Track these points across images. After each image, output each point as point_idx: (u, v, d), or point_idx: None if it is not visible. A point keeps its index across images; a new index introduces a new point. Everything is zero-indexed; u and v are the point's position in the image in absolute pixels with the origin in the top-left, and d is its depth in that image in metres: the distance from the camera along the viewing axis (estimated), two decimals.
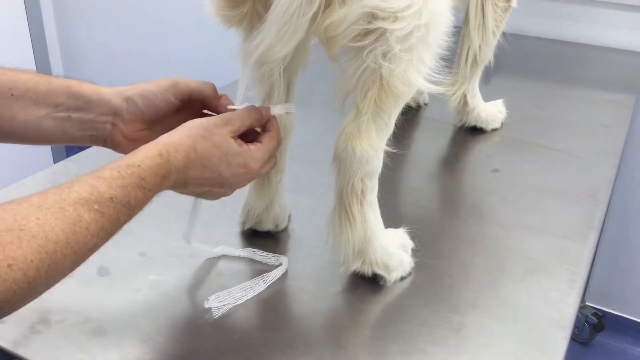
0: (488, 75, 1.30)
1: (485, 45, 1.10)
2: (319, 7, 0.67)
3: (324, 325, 0.74)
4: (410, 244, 0.84)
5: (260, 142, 0.73)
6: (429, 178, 1.09)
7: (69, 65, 2.78)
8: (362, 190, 0.75)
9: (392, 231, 0.84)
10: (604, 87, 1.43)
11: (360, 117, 0.73)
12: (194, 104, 0.77)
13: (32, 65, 2.55)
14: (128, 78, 0.78)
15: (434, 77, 0.73)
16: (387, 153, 0.76)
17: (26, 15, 2.50)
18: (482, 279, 0.81)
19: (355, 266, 0.79)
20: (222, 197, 0.75)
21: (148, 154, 0.63)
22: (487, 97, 1.23)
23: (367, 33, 0.68)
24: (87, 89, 0.72)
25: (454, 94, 1.16)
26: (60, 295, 0.76)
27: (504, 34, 1.16)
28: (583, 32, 1.69)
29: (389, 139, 0.76)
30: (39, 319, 0.73)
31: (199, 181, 0.69)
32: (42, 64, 2.61)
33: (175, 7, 2.34)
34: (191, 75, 0.81)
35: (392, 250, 0.80)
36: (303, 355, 0.69)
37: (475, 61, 1.12)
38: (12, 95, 0.68)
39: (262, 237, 0.88)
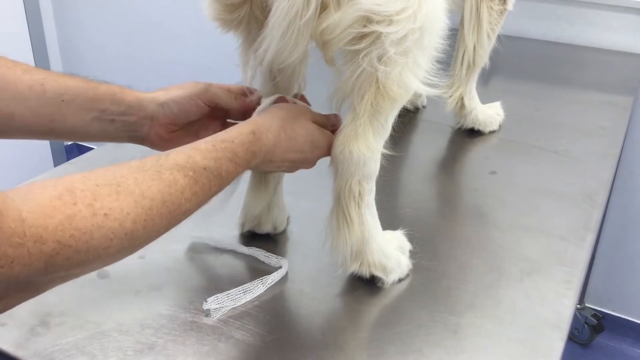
0: (485, 78, 1.30)
1: (480, 48, 1.11)
2: (315, 11, 0.68)
3: (322, 327, 0.75)
4: (408, 245, 0.85)
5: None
6: (427, 180, 1.09)
7: (68, 67, 2.79)
8: (360, 193, 0.76)
9: (389, 233, 0.84)
10: (601, 89, 1.43)
11: (358, 120, 0.73)
12: (220, 111, 0.83)
13: None
14: (127, 81, 0.80)
15: (430, 79, 0.74)
16: (384, 155, 0.77)
17: (26, 18, 2.50)
18: (479, 281, 0.81)
19: (353, 268, 0.79)
20: (300, 169, 0.81)
21: (242, 131, 0.69)
22: (484, 99, 1.24)
23: (363, 36, 0.68)
24: (128, 95, 0.77)
25: (451, 96, 1.17)
26: (60, 298, 0.77)
27: (500, 37, 1.16)
28: (580, 34, 1.70)
29: (386, 142, 0.76)
30: (39, 321, 0.74)
31: (283, 159, 0.75)
32: (42, 67, 2.62)
33: (174, 10, 2.34)
34: (191, 78, 0.83)
35: (390, 252, 0.81)
36: (301, 357, 0.69)
37: (471, 64, 1.13)
38: (62, 100, 0.72)
39: (260, 239, 0.89)
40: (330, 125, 0.80)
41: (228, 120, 0.83)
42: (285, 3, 0.67)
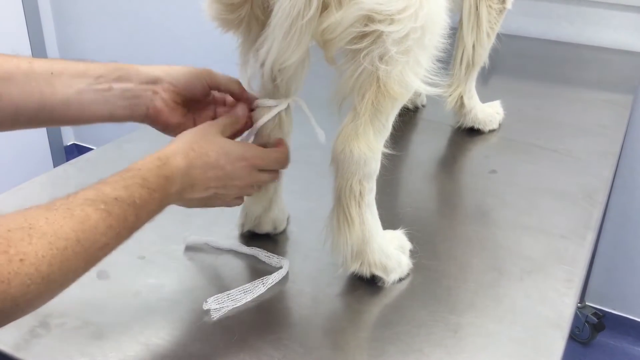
0: (485, 77, 1.30)
1: (480, 47, 1.11)
2: (317, 10, 0.68)
3: (323, 327, 0.75)
4: (408, 245, 0.85)
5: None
6: (427, 180, 1.09)
7: None
8: (360, 192, 0.76)
9: (390, 233, 0.84)
10: (601, 88, 1.43)
11: (358, 119, 0.73)
12: (219, 99, 0.83)
13: None
14: None
15: (430, 78, 0.73)
16: (384, 155, 0.77)
17: (25, 20, 2.50)
18: (480, 280, 0.81)
19: (354, 268, 0.79)
20: (231, 201, 0.78)
21: (146, 159, 0.67)
22: (484, 98, 1.24)
23: (364, 35, 0.68)
24: (125, 65, 0.76)
25: (451, 95, 1.17)
26: (60, 299, 0.76)
27: (500, 36, 1.16)
28: (579, 32, 1.70)
29: (386, 141, 0.76)
30: (39, 322, 0.73)
31: (204, 181, 0.72)
32: None
33: (174, 11, 2.34)
34: None
35: (390, 251, 0.80)
36: (301, 357, 0.69)
37: (470, 63, 1.13)
38: (52, 73, 0.70)
39: (260, 239, 0.89)
40: (241, 118, 0.80)
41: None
42: (287, 3, 0.67)
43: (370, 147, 0.74)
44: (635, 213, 1.77)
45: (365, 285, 0.80)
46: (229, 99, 0.84)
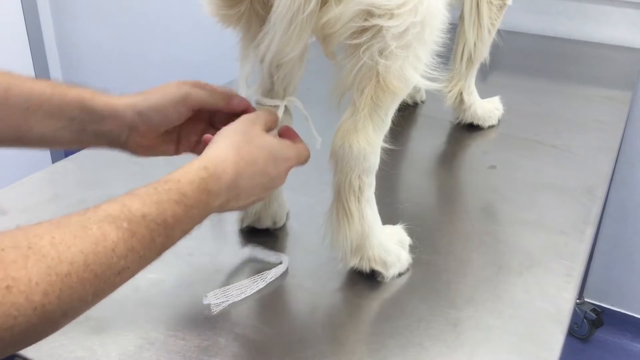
0: (484, 73, 1.30)
1: (480, 43, 1.11)
2: (317, 5, 0.68)
3: (323, 322, 0.75)
4: (407, 240, 0.85)
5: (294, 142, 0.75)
6: (426, 175, 1.09)
7: (66, 66, 2.79)
8: (360, 187, 0.76)
9: (389, 228, 0.84)
10: (599, 84, 1.43)
11: (357, 114, 0.73)
12: (205, 112, 0.78)
13: (29, 66, 2.55)
14: (125, 79, 0.80)
15: (430, 73, 0.73)
16: (384, 150, 0.77)
17: (24, 17, 2.50)
18: (479, 275, 0.81)
19: (354, 263, 0.79)
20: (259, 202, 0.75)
21: (191, 167, 0.60)
22: (483, 94, 1.24)
23: (364, 30, 0.68)
24: (99, 102, 0.71)
25: (450, 91, 1.17)
26: None
27: (499, 32, 1.16)
28: (578, 28, 1.70)
29: (385, 136, 0.76)
30: None
31: (249, 190, 0.67)
32: (40, 65, 2.62)
33: (172, 7, 2.34)
34: (188, 76, 0.81)
35: (390, 246, 0.80)
36: (302, 351, 0.69)
37: (470, 59, 1.13)
38: (27, 108, 0.68)
39: (260, 234, 0.89)
40: (290, 135, 0.76)
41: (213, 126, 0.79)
42: None
43: (370, 141, 0.74)
44: (634, 209, 1.78)
45: (365, 280, 0.81)
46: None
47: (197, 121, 0.77)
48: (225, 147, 0.65)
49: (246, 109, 0.77)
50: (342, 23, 0.68)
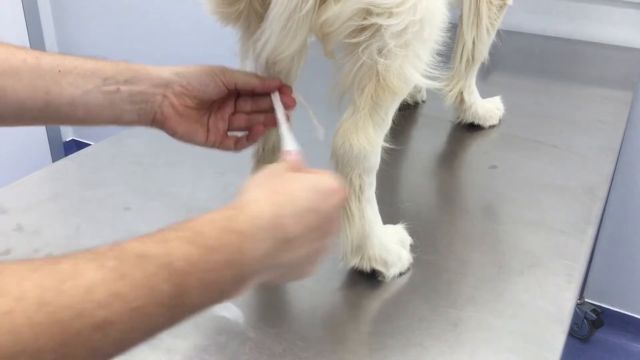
0: (485, 72, 1.30)
1: (480, 43, 1.10)
2: (315, 3, 0.67)
3: (323, 321, 0.75)
4: (408, 239, 0.84)
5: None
6: (427, 175, 1.09)
7: None
8: (360, 186, 0.75)
9: (390, 227, 0.84)
10: (600, 84, 1.43)
11: (358, 113, 0.73)
12: (238, 95, 0.77)
13: None
14: None
15: (430, 72, 0.73)
16: (385, 149, 0.77)
17: (24, 16, 2.50)
18: (480, 274, 0.81)
19: (354, 262, 0.79)
20: (322, 256, 0.59)
21: (215, 211, 0.49)
22: (484, 94, 1.24)
23: (363, 29, 0.68)
24: (136, 65, 0.71)
25: (451, 90, 1.17)
26: None
27: (500, 32, 1.16)
28: (579, 28, 1.70)
29: (386, 136, 0.76)
30: None
31: (302, 234, 0.54)
32: None
33: (173, 6, 2.34)
34: None
35: (391, 246, 0.80)
36: (302, 351, 0.69)
37: (470, 59, 1.12)
38: (59, 71, 0.66)
39: None
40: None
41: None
42: None
43: (370, 141, 0.74)
44: (635, 209, 1.77)
45: (366, 279, 0.80)
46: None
47: (226, 106, 0.76)
48: (253, 188, 0.54)
49: (279, 87, 0.76)
50: (341, 22, 0.68)
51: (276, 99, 0.76)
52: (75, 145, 2.93)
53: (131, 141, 1.12)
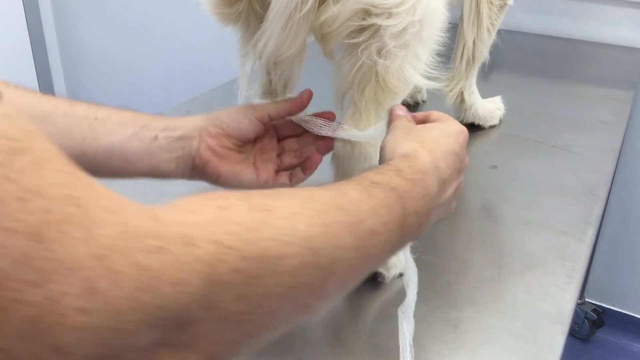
0: (486, 72, 1.30)
1: (480, 43, 1.10)
2: (314, 3, 0.67)
3: (323, 322, 0.74)
4: None
5: None
6: None
7: (68, 67, 2.79)
8: None
9: None
10: (601, 84, 1.43)
11: (358, 114, 0.73)
12: (274, 127, 0.76)
13: (31, 68, 2.55)
14: (127, 79, 0.79)
15: (430, 72, 0.73)
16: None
17: (25, 17, 2.50)
18: (480, 275, 0.81)
19: None
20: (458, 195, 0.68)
21: (385, 164, 0.58)
22: (485, 94, 1.24)
23: (362, 29, 0.68)
24: (169, 116, 0.70)
25: (451, 91, 1.16)
26: None
27: (500, 31, 1.16)
28: (580, 28, 1.70)
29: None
30: None
31: (450, 174, 0.62)
32: (42, 66, 2.62)
33: (174, 7, 2.34)
34: (190, 76, 0.81)
35: None
36: (302, 351, 0.69)
37: (470, 59, 1.12)
38: (95, 118, 0.64)
39: None
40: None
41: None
42: None
43: (371, 142, 0.74)
44: (635, 209, 1.77)
45: (366, 280, 0.80)
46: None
47: (269, 148, 0.75)
48: (407, 143, 0.61)
49: (310, 96, 0.75)
50: (340, 22, 0.68)
51: (313, 120, 0.76)
52: None
53: None
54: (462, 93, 1.17)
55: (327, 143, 0.76)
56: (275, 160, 0.76)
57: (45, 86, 2.66)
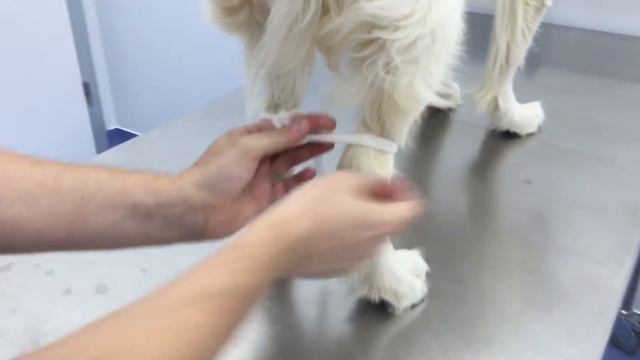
0: (527, 73, 1.21)
1: (515, 46, 1.01)
2: (315, 15, 0.61)
3: (330, 355, 0.69)
4: (424, 267, 0.78)
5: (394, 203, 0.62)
6: (454, 189, 1.01)
7: (110, 56, 2.80)
8: None
9: (403, 253, 0.78)
10: None
11: (367, 133, 0.67)
12: (275, 157, 0.69)
13: (73, 55, 2.56)
14: (167, 66, 0.74)
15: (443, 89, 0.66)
16: (411, 157, 0.70)
17: (67, 5, 2.50)
18: (501, 310, 0.74)
19: (362, 292, 0.73)
20: (342, 274, 0.66)
21: (258, 228, 0.54)
22: (524, 97, 1.15)
23: (367, 43, 0.61)
24: (165, 183, 0.61)
25: (483, 97, 1.08)
26: (55, 315, 0.74)
27: (544, 25, 1.06)
28: (633, 23, 1.57)
29: (416, 142, 0.70)
30: (30, 340, 0.71)
31: (320, 252, 0.57)
32: (83, 53, 2.63)
33: None
34: (229, 62, 0.74)
35: (402, 275, 0.74)
36: None
37: (504, 63, 1.04)
38: (82, 197, 0.57)
39: None
40: (388, 191, 0.63)
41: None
42: (283, 7, 0.61)
43: (380, 162, 0.67)
44: None
45: (376, 310, 0.74)
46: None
47: (264, 171, 0.69)
48: (302, 199, 0.57)
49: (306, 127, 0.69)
50: (343, 35, 0.61)
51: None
52: (119, 135, 2.96)
53: (181, 130, 1.09)
54: (496, 99, 1.09)
55: (324, 148, 0.71)
56: (271, 179, 0.70)
57: (87, 75, 2.67)
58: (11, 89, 2.34)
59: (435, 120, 1.19)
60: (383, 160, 0.68)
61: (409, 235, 0.81)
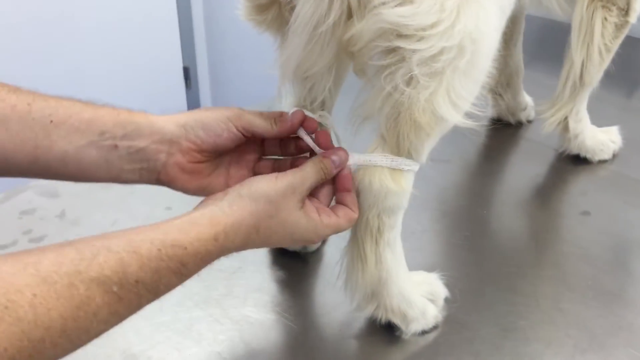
0: (627, 92, 1.11)
1: (590, 65, 0.93)
2: (339, 18, 0.59)
3: None
4: (442, 293, 0.73)
5: (335, 214, 0.63)
6: (508, 210, 0.94)
7: (211, 42, 2.86)
8: (379, 228, 0.66)
9: (419, 275, 0.73)
10: None
11: (385, 147, 0.63)
12: (257, 139, 0.67)
13: (176, 39, 2.64)
14: (262, 54, 0.74)
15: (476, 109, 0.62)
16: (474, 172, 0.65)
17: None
18: (519, 352, 0.68)
19: (369, 310, 0.70)
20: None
21: (202, 236, 0.54)
22: (600, 120, 1.06)
23: (389, 51, 0.58)
24: (137, 116, 0.61)
25: (553, 116, 1.00)
26: None
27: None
28: None
29: (481, 156, 0.66)
30: None
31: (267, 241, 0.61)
32: (187, 41, 2.71)
33: None
34: None
35: (414, 298, 0.70)
36: None
37: (577, 82, 0.95)
38: (51, 121, 0.58)
39: (289, 256, 0.82)
40: (328, 177, 0.64)
41: (264, 157, 0.69)
42: (307, 7, 0.59)
43: (396, 180, 0.63)
44: None
45: (382, 331, 0.71)
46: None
47: (248, 152, 0.68)
48: (246, 214, 0.58)
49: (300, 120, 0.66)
50: (364, 41, 0.58)
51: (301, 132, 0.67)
52: None
53: None
54: (566, 119, 1.01)
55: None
56: (252, 169, 0.68)
57: (188, 59, 2.75)
58: (115, 73, 2.43)
59: (504, 135, 1.12)
60: (399, 178, 0.63)
61: (440, 247, 0.77)
